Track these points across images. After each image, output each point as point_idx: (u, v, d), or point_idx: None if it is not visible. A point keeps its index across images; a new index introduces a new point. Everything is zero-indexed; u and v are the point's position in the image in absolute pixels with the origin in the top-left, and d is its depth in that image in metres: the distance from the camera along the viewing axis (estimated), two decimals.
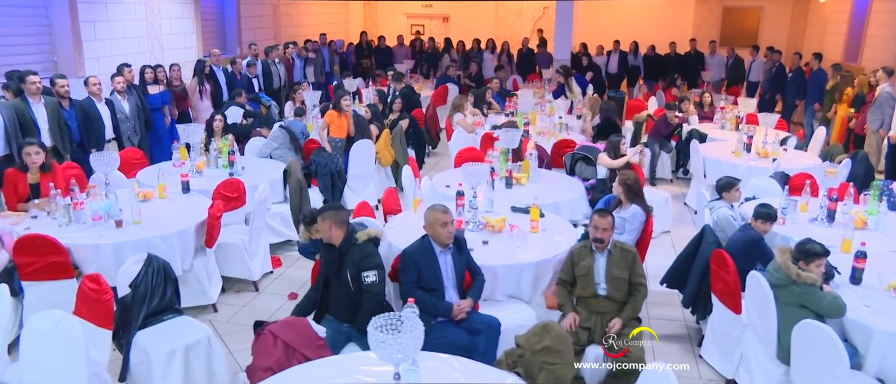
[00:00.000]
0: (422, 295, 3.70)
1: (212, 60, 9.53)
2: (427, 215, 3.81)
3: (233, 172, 6.07)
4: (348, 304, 3.63)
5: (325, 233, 3.66)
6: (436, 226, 3.74)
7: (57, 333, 3.20)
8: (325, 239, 3.71)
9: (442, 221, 3.73)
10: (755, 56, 13.52)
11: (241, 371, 4.18)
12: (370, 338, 2.47)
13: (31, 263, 4.28)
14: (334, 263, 3.68)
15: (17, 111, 6.22)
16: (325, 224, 3.64)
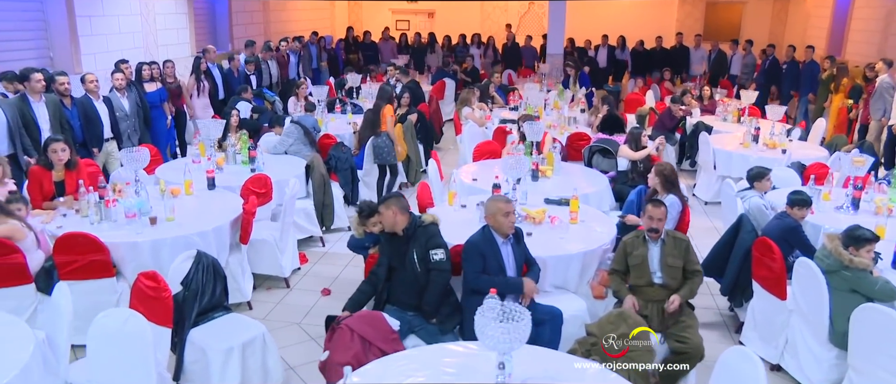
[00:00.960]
0: (487, 278, 3.71)
1: (208, 57, 9.35)
2: (489, 206, 3.81)
3: (255, 168, 5.98)
4: (414, 290, 3.62)
5: (389, 221, 3.64)
6: (498, 217, 3.75)
7: (125, 331, 3.13)
8: (388, 227, 3.68)
9: (504, 211, 3.74)
10: (736, 50, 13.85)
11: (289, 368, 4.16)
12: (478, 325, 2.46)
13: (71, 262, 4.17)
14: (400, 249, 3.67)
15: (18, 110, 6.05)
16: (389, 211, 3.63)
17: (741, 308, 4.84)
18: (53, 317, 3.29)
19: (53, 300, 3.32)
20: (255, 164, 6.03)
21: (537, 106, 8.71)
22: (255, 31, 13.61)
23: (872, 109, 9.01)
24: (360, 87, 10.42)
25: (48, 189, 5.03)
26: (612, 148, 6.67)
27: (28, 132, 6.07)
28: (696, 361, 3.74)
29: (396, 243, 3.70)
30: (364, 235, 4.15)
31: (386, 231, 3.72)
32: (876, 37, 12.17)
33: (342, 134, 7.58)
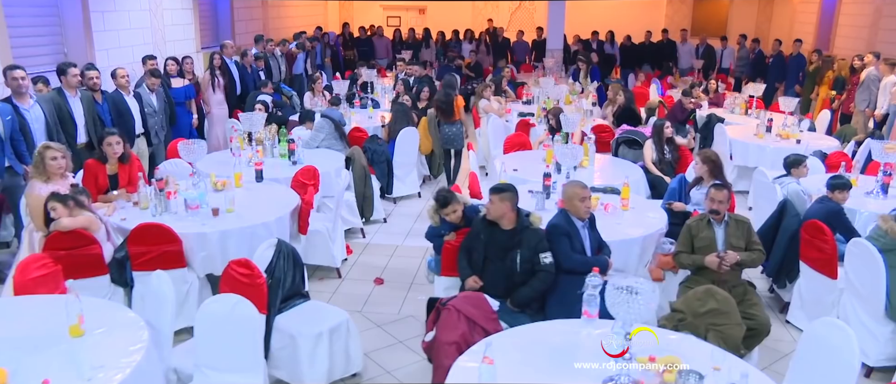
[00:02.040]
0: (580, 257, 3.84)
1: (225, 52, 9.33)
2: (566, 191, 3.94)
3: (296, 161, 6.03)
4: (507, 283, 3.73)
5: (498, 212, 3.74)
6: (574, 201, 3.88)
7: (233, 316, 3.20)
8: (494, 217, 3.78)
9: (581, 196, 3.87)
10: (725, 45, 14.26)
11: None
12: (609, 298, 2.60)
13: (145, 253, 4.20)
14: (500, 242, 3.77)
15: (54, 105, 6.01)
16: (504, 204, 3.73)
17: (785, 289, 5.04)
18: (156, 304, 3.33)
19: (155, 288, 3.36)
20: (295, 156, 6.07)
21: (557, 99, 8.85)
22: (254, 27, 13.57)
23: (857, 100, 9.38)
24: (373, 82, 10.47)
25: (103, 182, 5.03)
26: (640, 139, 6.85)
27: (64, 128, 6.03)
28: (763, 336, 3.92)
29: (497, 235, 3.80)
30: (440, 224, 4.24)
31: (487, 220, 3.82)
32: (864, 32, 12.58)
33: (367, 127, 7.64)
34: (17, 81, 5.57)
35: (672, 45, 14.70)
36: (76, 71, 6.22)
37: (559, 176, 5.16)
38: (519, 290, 3.72)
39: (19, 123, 5.52)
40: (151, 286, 3.39)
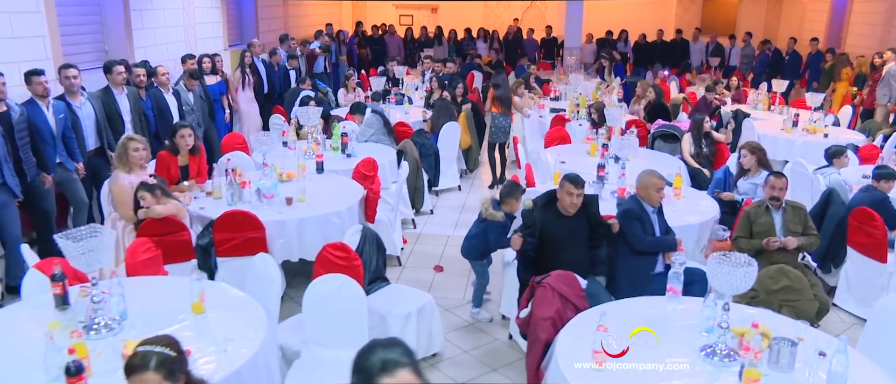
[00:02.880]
0: (650, 239, 4.06)
1: (253, 51, 9.50)
2: (643, 179, 4.15)
3: (350, 154, 6.22)
4: (581, 265, 3.94)
5: (571, 202, 3.94)
6: (650, 190, 4.10)
7: (340, 295, 3.39)
8: (569, 209, 3.98)
9: (657, 186, 4.10)
10: (734, 43, 14.54)
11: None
12: (711, 269, 2.82)
13: (230, 239, 4.39)
14: (570, 228, 3.98)
15: (103, 102, 6.17)
16: (579, 189, 3.93)
17: (830, 273, 5.26)
18: (264, 285, 3.52)
19: (261, 270, 3.56)
20: (349, 149, 6.27)
21: (587, 95, 9.07)
22: (276, 26, 13.76)
23: (879, 95, 9.64)
24: (402, 79, 10.67)
25: (175, 173, 5.21)
26: (677, 133, 7.07)
27: (111, 124, 6.18)
28: (823, 314, 4.13)
29: (567, 222, 4.01)
30: (504, 218, 4.43)
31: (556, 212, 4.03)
32: (877, 29, 12.82)
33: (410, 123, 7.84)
34: (71, 80, 5.75)
35: (685, 43, 14.96)
36: (121, 68, 6.39)
37: (615, 166, 5.36)
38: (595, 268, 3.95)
39: (72, 120, 5.68)
40: (258, 268, 3.59)
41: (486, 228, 4.53)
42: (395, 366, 1.61)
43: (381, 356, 1.62)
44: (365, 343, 3.31)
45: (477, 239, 4.62)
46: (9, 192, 4.85)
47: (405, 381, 1.59)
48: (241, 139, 6.71)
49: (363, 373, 1.61)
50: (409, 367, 1.65)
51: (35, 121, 5.19)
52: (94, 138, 6.02)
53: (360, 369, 1.64)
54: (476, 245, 4.64)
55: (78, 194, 5.78)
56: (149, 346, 2.12)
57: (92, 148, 5.97)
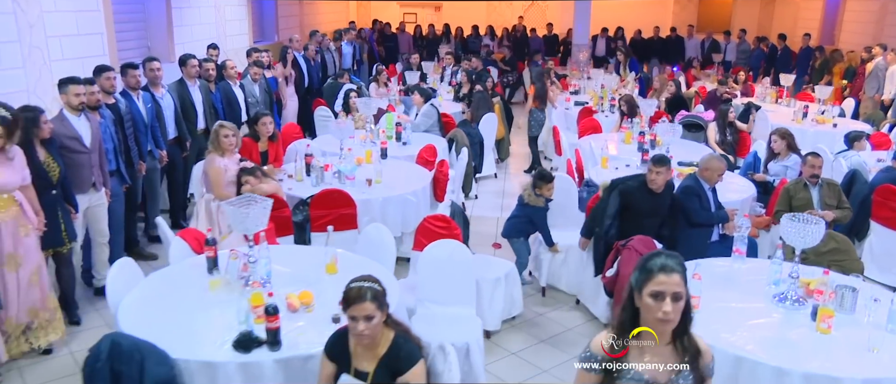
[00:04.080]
0: (706, 213, 4.58)
1: (293, 47, 9.89)
2: (711, 163, 4.71)
3: (406, 141, 6.67)
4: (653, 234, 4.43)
5: (654, 180, 4.44)
6: (714, 173, 4.67)
7: (451, 259, 3.86)
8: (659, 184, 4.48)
9: (719, 170, 4.64)
10: (728, 40, 15.18)
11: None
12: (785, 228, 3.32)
13: (324, 216, 4.82)
14: (655, 203, 4.49)
15: (179, 94, 6.54)
16: (667, 169, 4.43)
17: (855, 246, 5.80)
18: (380, 250, 3.98)
19: (376, 237, 4.02)
20: (404, 137, 6.72)
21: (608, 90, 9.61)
22: (293, 23, 14.17)
23: (867, 87, 10.33)
24: (428, 73, 11.12)
25: (256, 158, 5.63)
26: (701, 123, 7.60)
27: (186, 115, 6.56)
28: None
29: (654, 198, 4.52)
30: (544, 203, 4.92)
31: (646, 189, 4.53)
32: (870, 27, 13.49)
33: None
34: (155, 72, 6.13)
35: (680, 40, 15.55)
36: (195, 61, 6.74)
37: (659, 150, 5.88)
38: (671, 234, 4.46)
39: (155, 110, 6.08)
40: (373, 236, 4.05)
41: (530, 213, 4.97)
42: (672, 270, 2.02)
43: (662, 260, 2.04)
44: (472, 300, 3.80)
45: (518, 220, 5.06)
46: (119, 180, 5.23)
47: (675, 283, 2.01)
48: (297, 128, 7.12)
49: (646, 271, 2.03)
50: (680, 275, 2.04)
51: (131, 111, 5.57)
52: (173, 128, 6.36)
53: (643, 268, 2.05)
54: (516, 225, 5.08)
55: (156, 181, 6.17)
56: (361, 283, 2.57)
57: (171, 137, 6.32)
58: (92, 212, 4.90)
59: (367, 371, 2.59)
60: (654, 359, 2.06)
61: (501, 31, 16.94)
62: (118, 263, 3.56)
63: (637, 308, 2.07)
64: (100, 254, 5.12)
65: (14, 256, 3.99)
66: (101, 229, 5.03)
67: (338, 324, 3.03)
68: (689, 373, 2.07)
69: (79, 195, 4.68)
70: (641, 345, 2.06)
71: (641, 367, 2.04)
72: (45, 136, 4.33)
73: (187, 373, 2.86)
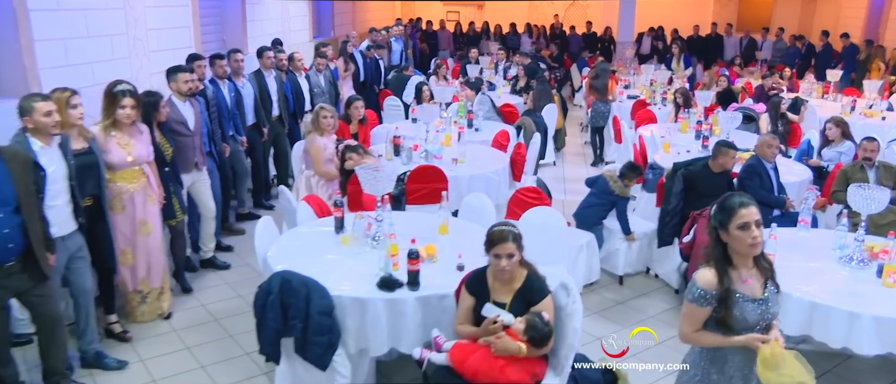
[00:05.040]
0: (765, 194, 5.01)
1: (352, 43, 10.44)
2: (761, 140, 5.21)
3: (478, 128, 7.17)
4: None
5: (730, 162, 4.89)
6: (764, 148, 5.12)
7: (546, 224, 4.34)
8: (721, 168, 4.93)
9: (769, 144, 5.09)
10: (765, 37, 15.44)
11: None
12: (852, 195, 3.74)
13: (419, 189, 5.33)
14: (718, 183, 4.93)
15: (257, 84, 7.09)
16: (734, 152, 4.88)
17: None
18: (479, 214, 4.48)
19: (477, 205, 4.52)
20: (476, 124, 7.22)
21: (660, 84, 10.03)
22: (346, 20, 14.79)
23: None
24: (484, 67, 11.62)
25: (348, 139, 6.16)
26: (754, 114, 7.99)
27: (262, 104, 7.09)
28: None
29: (715, 179, 4.98)
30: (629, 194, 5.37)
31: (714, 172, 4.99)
32: None
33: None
34: (238, 63, 6.69)
35: (719, 38, 15.84)
36: (271, 53, 7.30)
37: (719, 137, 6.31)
38: None
39: (237, 99, 6.62)
40: (475, 204, 4.56)
41: (615, 201, 5.32)
42: (749, 203, 2.45)
43: (738, 198, 2.49)
44: (564, 260, 4.27)
45: (599, 207, 5.41)
46: (213, 160, 5.78)
47: (755, 213, 2.44)
48: (372, 114, 7.64)
49: (728, 210, 2.48)
50: (756, 206, 2.46)
51: (217, 98, 6.13)
52: (252, 115, 6.92)
53: (724, 208, 2.50)
54: (596, 212, 5.44)
55: (242, 164, 6.73)
56: (504, 227, 3.07)
57: (251, 123, 6.89)
58: (195, 189, 5.45)
59: (505, 302, 3.09)
60: (748, 282, 2.49)
61: (540, 29, 17.40)
62: (262, 221, 4.11)
63: (724, 243, 2.49)
64: (206, 228, 5.65)
65: (145, 223, 4.52)
66: (208, 204, 5.56)
67: (462, 272, 3.54)
68: (773, 285, 2.52)
69: (183, 174, 5.22)
70: (737, 273, 2.48)
71: (744, 289, 2.48)
72: (162, 119, 4.88)
73: (340, 309, 3.39)
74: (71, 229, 3.82)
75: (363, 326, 3.40)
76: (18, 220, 3.33)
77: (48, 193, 3.56)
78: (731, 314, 2.43)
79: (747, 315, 2.44)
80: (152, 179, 4.58)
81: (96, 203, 4.11)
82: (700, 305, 2.48)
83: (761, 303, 2.46)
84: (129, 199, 4.42)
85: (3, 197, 3.27)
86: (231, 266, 5.65)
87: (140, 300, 4.61)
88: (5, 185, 3.26)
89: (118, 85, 4.27)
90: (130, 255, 4.52)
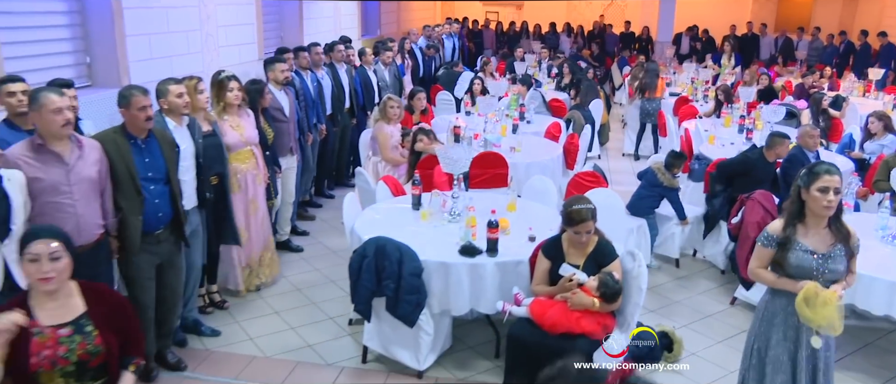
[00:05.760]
0: None
1: (411, 39, 10.90)
2: (802, 131, 5.55)
3: (530, 120, 7.56)
4: None
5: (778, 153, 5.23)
6: (806, 138, 5.45)
7: (606, 203, 4.71)
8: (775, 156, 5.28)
9: (811, 134, 5.47)
10: (801, 36, 15.52)
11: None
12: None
13: (481, 174, 5.72)
14: (769, 171, 5.27)
15: (331, 77, 7.55)
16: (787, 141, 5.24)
17: None
18: (542, 195, 4.88)
19: (540, 186, 4.92)
20: (527, 117, 7.61)
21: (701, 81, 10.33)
22: (391, 19, 15.29)
23: None
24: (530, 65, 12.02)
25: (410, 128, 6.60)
26: (795, 111, 8.24)
27: (336, 95, 7.57)
28: None
29: (768, 167, 5.33)
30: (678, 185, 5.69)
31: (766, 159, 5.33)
32: None
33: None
34: (318, 55, 7.16)
35: (755, 38, 15.97)
36: (342, 47, 7.77)
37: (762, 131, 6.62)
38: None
39: (318, 89, 7.09)
40: (538, 186, 4.95)
41: (664, 192, 5.61)
42: (835, 172, 2.78)
43: (827, 165, 2.79)
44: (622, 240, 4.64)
45: (650, 199, 5.68)
46: (299, 147, 6.25)
47: (837, 181, 2.76)
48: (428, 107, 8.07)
49: (814, 173, 2.73)
50: (840, 176, 2.82)
51: (303, 89, 6.61)
52: (330, 105, 7.31)
53: (812, 171, 2.78)
54: (648, 203, 5.75)
55: (326, 150, 7.20)
56: (582, 205, 3.46)
57: (328, 113, 7.29)
58: (285, 174, 5.87)
59: (578, 264, 3.49)
60: (815, 237, 2.86)
61: (578, 28, 17.72)
62: (348, 197, 4.58)
63: (803, 201, 2.86)
64: (284, 213, 6.05)
65: (254, 201, 4.96)
66: (290, 189, 6.00)
67: (534, 242, 3.94)
68: (841, 249, 2.87)
69: (280, 158, 5.67)
70: (805, 228, 2.86)
71: (806, 242, 2.85)
72: (265, 105, 5.35)
73: (427, 272, 3.81)
74: (193, 205, 4.21)
75: (447, 289, 3.82)
76: (167, 191, 3.76)
77: (180, 169, 3.97)
78: (786, 258, 2.82)
79: (802, 262, 2.81)
80: (260, 161, 5.00)
81: (220, 182, 4.51)
82: (764, 246, 2.95)
83: (820, 258, 2.83)
84: (242, 179, 4.84)
85: (156, 170, 3.69)
86: (304, 249, 6.03)
87: (247, 273, 5.07)
88: (158, 160, 3.70)
89: (222, 73, 4.76)
90: (244, 232, 4.90)
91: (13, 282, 3.14)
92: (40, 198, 3.30)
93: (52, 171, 3.30)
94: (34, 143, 3.30)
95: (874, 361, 4.26)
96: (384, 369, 4.08)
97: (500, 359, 4.11)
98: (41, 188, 3.28)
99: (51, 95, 3.24)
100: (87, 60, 5.98)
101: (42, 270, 2.38)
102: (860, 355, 4.32)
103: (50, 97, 3.23)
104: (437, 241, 4.04)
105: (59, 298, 2.48)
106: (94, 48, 5.98)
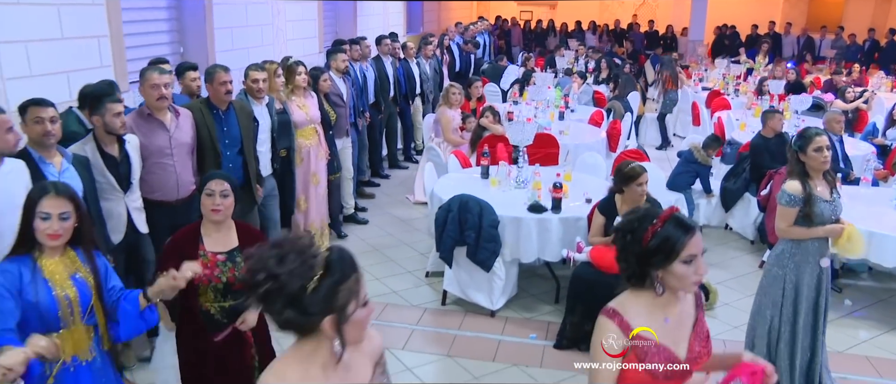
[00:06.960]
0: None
1: (450, 35, 11.61)
2: (830, 116, 6.08)
3: (573, 109, 8.24)
4: None
5: (776, 125, 5.84)
6: (833, 123, 6.00)
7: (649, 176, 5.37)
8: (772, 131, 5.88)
9: (837, 120, 6.02)
10: (823, 35, 15.88)
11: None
12: None
13: (536, 153, 6.40)
14: (781, 144, 5.86)
15: (376, 69, 8.24)
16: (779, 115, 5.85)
17: None
18: (592, 169, 5.56)
19: (591, 162, 5.59)
20: (571, 106, 8.29)
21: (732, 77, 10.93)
22: (432, 17, 16.06)
23: None
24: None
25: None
26: (823, 104, 8.81)
27: (381, 85, 8.24)
28: None
29: (772, 143, 5.93)
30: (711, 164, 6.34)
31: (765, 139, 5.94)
32: None
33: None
34: (367, 48, 7.84)
35: (777, 37, 16.38)
36: (389, 41, 8.44)
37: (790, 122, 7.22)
38: None
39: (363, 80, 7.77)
40: (589, 161, 5.64)
41: (698, 169, 6.27)
42: (823, 133, 3.47)
43: (815, 129, 3.50)
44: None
45: (687, 174, 6.38)
46: (355, 129, 6.94)
47: (825, 140, 3.46)
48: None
49: (807, 137, 3.42)
50: (829, 137, 3.52)
51: (356, 78, 7.31)
52: (372, 95, 8.01)
53: (803, 136, 3.45)
54: (685, 178, 6.42)
55: (375, 135, 7.93)
56: (634, 165, 4.14)
57: (371, 102, 8.00)
58: (342, 153, 6.53)
59: None
60: (820, 188, 3.50)
61: (603, 27, 18.34)
62: (428, 166, 5.31)
63: (802, 162, 3.48)
64: (345, 188, 6.75)
65: (315, 174, 5.67)
66: (348, 167, 6.69)
67: (591, 203, 4.62)
68: (838, 194, 3.52)
69: (337, 139, 6.32)
70: (813, 183, 3.48)
71: (819, 192, 3.49)
72: (325, 89, 6.07)
73: (501, 226, 4.52)
74: (268, 173, 4.92)
75: (517, 240, 4.53)
76: (241, 159, 4.45)
77: (258, 140, 4.68)
78: (813, 211, 3.44)
79: (824, 210, 3.45)
80: (322, 138, 5.76)
81: (287, 155, 5.22)
82: (790, 206, 3.49)
83: (831, 203, 3.48)
84: (306, 154, 5.55)
85: (233, 139, 4.40)
86: (368, 222, 6.67)
87: (318, 234, 5.82)
88: (234, 129, 4.42)
89: (290, 58, 5.52)
90: (303, 202, 5.62)
91: (135, 227, 3.84)
92: (149, 159, 3.95)
93: (158, 136, 4.01)
94: (144, 112, 4.03)
95: (886, 314, 4.89)
96: (461, 310, 4.80)
97: (559, 304, 4.80)
98: (150, 151, 3.95)
99: (153, 73, 4.00)
100: (181, 51, 6.80)
101: (214, 202, 2.97)
102: (874, 308, 4.95)
103: (152, 74, 3.99)
104: (506, 203, 4.74)
105: (222, 230, 3.07)
106: (188, 40, 6.80)
